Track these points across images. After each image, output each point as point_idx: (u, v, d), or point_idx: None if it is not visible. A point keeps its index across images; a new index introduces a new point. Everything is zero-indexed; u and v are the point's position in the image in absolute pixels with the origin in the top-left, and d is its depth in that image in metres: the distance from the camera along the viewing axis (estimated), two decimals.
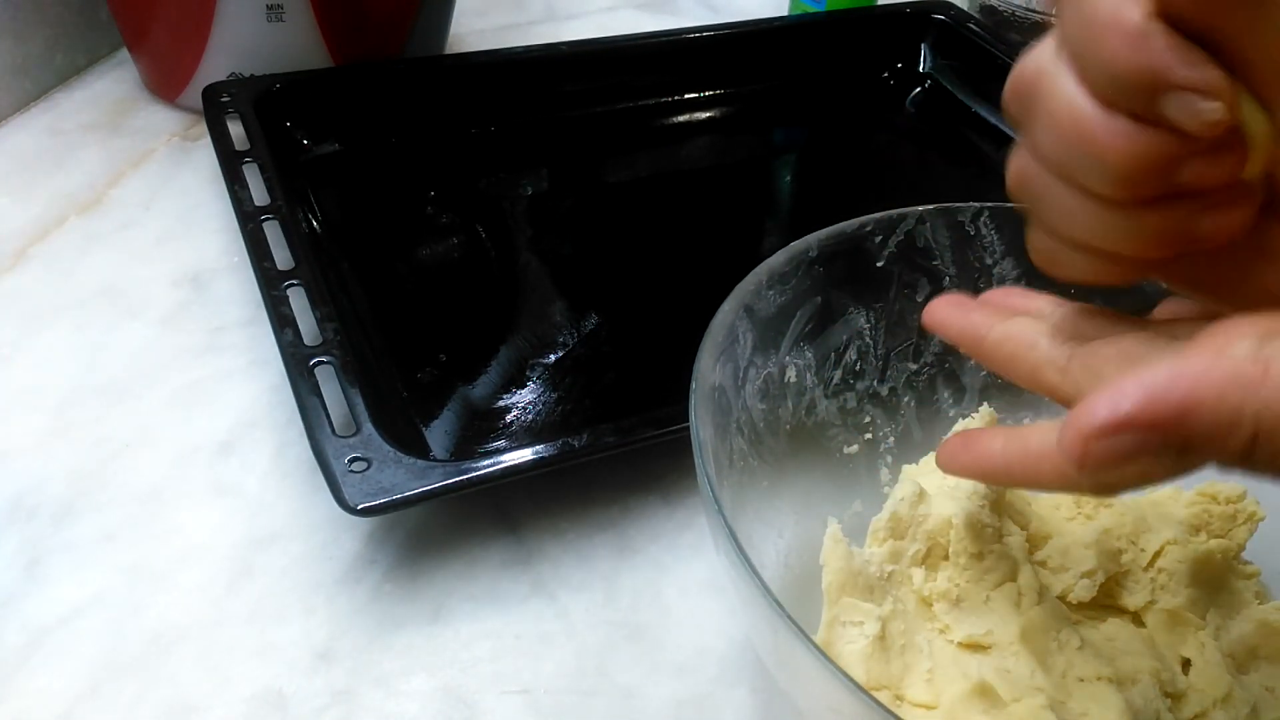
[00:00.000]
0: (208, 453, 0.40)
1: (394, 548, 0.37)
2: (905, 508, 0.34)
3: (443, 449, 0.40)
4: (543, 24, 0.73)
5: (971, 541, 0.33)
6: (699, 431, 0.29)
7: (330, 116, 0.56)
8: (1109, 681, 0.30)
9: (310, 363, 0.38)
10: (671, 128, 0.62)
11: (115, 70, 0.62)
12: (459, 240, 0.51)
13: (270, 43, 0.56)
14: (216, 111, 0.52)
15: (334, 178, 0.54)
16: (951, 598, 0.33)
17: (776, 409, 0.36)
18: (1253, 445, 0.16)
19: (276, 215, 0.45)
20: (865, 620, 0.30)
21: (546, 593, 0.36)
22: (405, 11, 0.60)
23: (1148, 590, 0.34)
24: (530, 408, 0.42)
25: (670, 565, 0.38)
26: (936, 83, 0.67)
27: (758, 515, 0.33)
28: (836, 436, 0.38)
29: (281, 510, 0.38)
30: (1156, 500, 0.37)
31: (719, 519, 0.26)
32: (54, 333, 0.44)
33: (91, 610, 0.34)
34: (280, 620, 0.34)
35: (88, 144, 0.56)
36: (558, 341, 0.45)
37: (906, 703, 0.30)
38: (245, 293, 0.47)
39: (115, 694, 0.32)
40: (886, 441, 0.39)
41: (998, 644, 0.32)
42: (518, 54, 0.61)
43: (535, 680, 0.34)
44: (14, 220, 0.50)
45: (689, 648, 0.35)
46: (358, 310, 0.45)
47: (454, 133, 0.58)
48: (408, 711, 0.32)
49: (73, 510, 0.37)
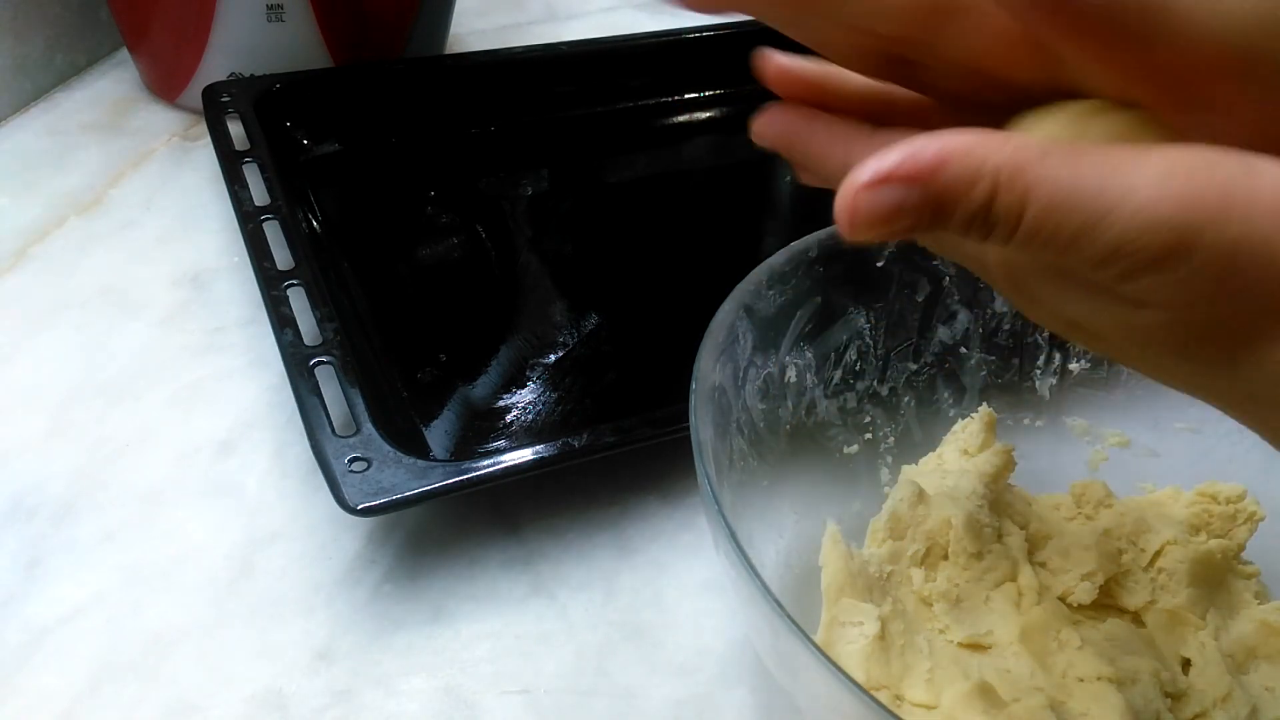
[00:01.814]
0: (208, 453, 0.40)
1: (394, 548, 0.37)
2: (904, 508, 0.34)
3: (443, 449, 0.40)
4: (543, 24, 0.73)
5: (971, 541, 0.33)
6: (699, 431, 0.29)
7: (330, 116, 0.56)
8: (1109, 681, 0.30)
9: (310, 363, 0.38)
10: (671, 128, 0.62)
11: (115, 70, 0.62)
12: (459, 240, 0.51)
13: (270, 43, 0.56)
14: (216, 111, 0.52)
15: (334, 178, 0.54)
16: (951, 598, 0.33)
17: (776, 409, 0.36)
18: (993, 193, 0.18)
19: (276, 215, 0.45)
20: (865, 620, 0.30)
21: (546, 593, 0.36)
22: (405, 11, 0.60)
23: (1148, 590, 0.34)
24: (530, 408, 0.42)
25: (670, 565, 0.38)
26: None
27: (758, 515, 0.33)
28: (836, 436, 0.38)
29: (281, 510, 0.38)
30: (1157, 500, 0.37)
31: (719, 519, 0.26)
32: (54, 333, 0.44)
33: (91, 610, 0.34)
34: (280, 620, 0.34)
35: (88, 144, 0.56)
36: (558, 341, 0.45)
37: (906, 703, 0.30)
38: (245, 293, 0.47)
39: (115, 694, 0.32)
40: (886, 441, 0.39)
41: (998, 644, 0.32)
42: (518, 54, 0.61)
43: (535, 680, 0.34)
44: (14, 220, 0.50)
45: (689, 648, 0.35)
46: (358, 310, 0.45)
47: (454, 133, 0.58)
48: (408, 711, 0.32)
49: (73, 510, 0.37)
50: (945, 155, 0.18)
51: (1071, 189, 0.18)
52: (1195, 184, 0.18)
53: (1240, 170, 0.18)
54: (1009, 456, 0.36)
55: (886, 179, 0.18)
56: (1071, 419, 0.40)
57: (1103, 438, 0.39)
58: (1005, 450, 0.36)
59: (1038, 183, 0.18)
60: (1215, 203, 0.18)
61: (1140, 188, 0.18)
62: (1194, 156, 0.18)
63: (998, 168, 0.18)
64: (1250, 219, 0.18)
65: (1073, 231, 0.18)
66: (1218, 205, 0.18)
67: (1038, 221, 0.19)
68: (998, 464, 0.35)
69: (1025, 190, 0.18)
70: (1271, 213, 0.18)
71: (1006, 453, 0.36)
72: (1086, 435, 0.40)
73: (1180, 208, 0.18)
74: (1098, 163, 0.18)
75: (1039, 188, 0.18)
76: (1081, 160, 0.18)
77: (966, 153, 0.18)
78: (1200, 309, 0.19)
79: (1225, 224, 0.18)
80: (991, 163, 0.18)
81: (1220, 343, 0.20)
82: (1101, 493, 0.36)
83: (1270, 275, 0.18)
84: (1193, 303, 0.19)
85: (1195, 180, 0.18)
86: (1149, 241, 0.18)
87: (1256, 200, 0.18)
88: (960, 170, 0.18)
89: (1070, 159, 0.18)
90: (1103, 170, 0.18)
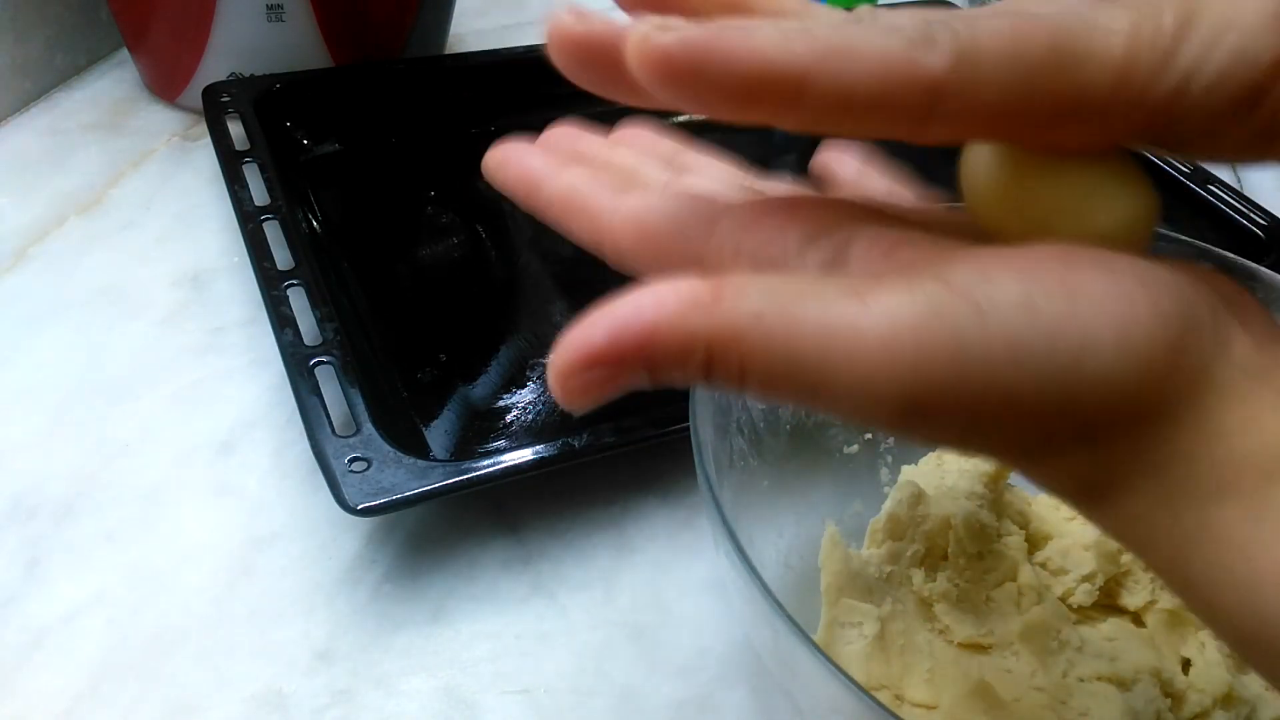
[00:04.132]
0: (208, 453, 0.40)
1: (394, 548, 0.37)
2: (904, 509, 0.34)
3: (443, 449, 0.40)
4: (543, 24, 0.73)
5: (970, 542, 0.33)
6: (699, 431, 0.29)
7: (330, 116, 0.56)
8: (1109, 681, 0.30)
9: (310, 363, 0.38)
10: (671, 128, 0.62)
11: (115, 70, 0.62)
12: (459, 240, 0.51)
13: (270, 43, 0.56)
14: (216, 111, 0.52)
15: (334, 178, 0.54)
16: (951, 598, 0.33)
17: (776, 409, 0.36)
18: (709, 364, 0.17)
19: (276, 215, 0.45)
20: (864, 621, 0.30)
21: (546, 593, 0.36)
22: (405, 11, 0.60)
23: (1148, 590, 0.34)
24: (530, 408, 0.42)
25: (670, 565, 0.38)
26: None
27: (758, 515, 0.33)
28: (836, 436, 0.38)
29: (281, 510, 0.38)
30: None
31: (719, 519, 0.26)
32: (54, 333, 0.44)
33: (91, 610, 0.34)
34: (280, 620, 0.34)
35: (88, 144, 0.56)
36: (558, 341, 0.45)
37: (906, 703, 0.30)
38: (245, 293, 0.47)
39: (115, 694, 0.32)
40: (886, 441, 0.39)
41: (998, 644, 0.32)
42: (518, 54, 0.61)
43: (535, 680, 0.34)
44: (14, 220, 0.50)
45: (689, 648, 0.35)
46: (358, 310, 0.45)
47: (454, 133, 0.58)
48: (408, 711, 0.32)
49: (73, 510, 0.37)
50: (653, 330, 0.17)
51: (787, 360, 0.17)
52: (921, 345, 0.17)
53: (970, 323, 0.17)
54: None
55: (594, 361, 0.18)
56: None
57: None
58: None
59: (752, 354, 0.17)
60: (944, 362, 0.17)
61: (862, 353, 0.17)
62: (919, 306, 0.17)
63: (710, 338, 0.17)
64: (983, 376, 0.17)
65: (802, 397, 0.18)
66: (947, 365, 0.17)
67: (761, 388, 0.18)
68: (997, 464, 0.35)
69: (740, 361, 0.17)
70: (1005, 368, 0.17)
71: None
72: None
73: (907, 372, 0.17)
74: (814, 324, 0.17)
75: (754, 359, 0.17)
76: (797, 325, 0.17)
77: (673, 326, 0.17)
78: (971, 442, 0.18)
79: (959, 384, 0.17)
80: (703, 334, 0.17)
81: (1016, 458, 0.19)
82: None
83: (1013, 423, 0.17)
84: (960, 438, 0.18)
85: (921, 341, 0.17)
86: (883, 406, 0.17)
87: (989, 351, 0.17)
88: (670, 345, 0.17)
89: (785, 323, 0.17)
90: (821, 334, 0.17)
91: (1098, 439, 0.18)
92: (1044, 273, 0.17)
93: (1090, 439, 0.18)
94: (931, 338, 0.17)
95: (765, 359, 0.17)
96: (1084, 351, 0.17)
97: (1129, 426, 0.18)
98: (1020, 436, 0.18)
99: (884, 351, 0.17)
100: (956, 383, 0.17)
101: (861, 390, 0.17)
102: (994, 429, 0.18)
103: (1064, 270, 0.18)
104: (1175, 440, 0.17)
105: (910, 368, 0.17)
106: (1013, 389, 0.17)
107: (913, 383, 0.17)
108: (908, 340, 0.17)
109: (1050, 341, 0.17)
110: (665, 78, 0.17)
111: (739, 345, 0.17)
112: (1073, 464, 0.18)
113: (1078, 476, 0.19)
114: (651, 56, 0.17)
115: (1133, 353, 0.17)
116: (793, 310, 0.17)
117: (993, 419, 0.17)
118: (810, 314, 0.17)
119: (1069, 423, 0.18)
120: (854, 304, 0.17)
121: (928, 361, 0.17)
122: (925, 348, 0.17)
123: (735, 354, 0.17)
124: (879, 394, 0.17)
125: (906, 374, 0.17)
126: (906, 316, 0.17)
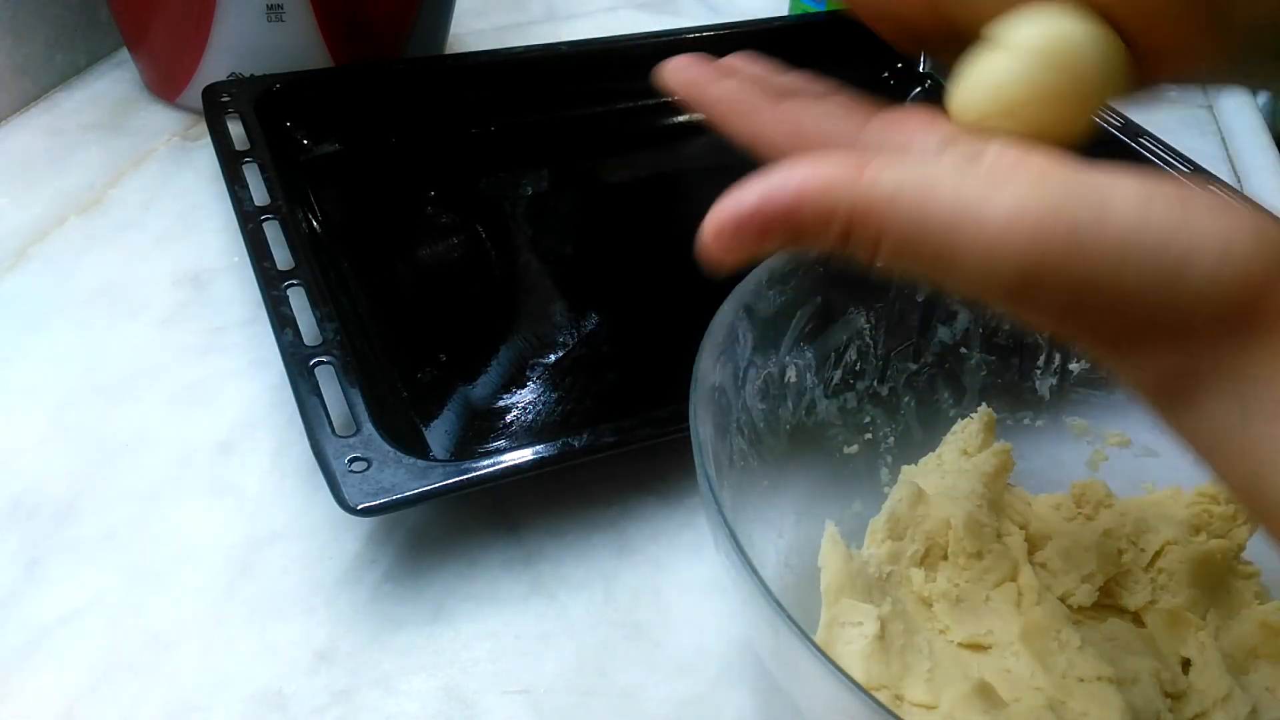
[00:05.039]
0: (208, 453, 0.40)
1: (394, 548, 0.37)
2: (903, 508, 0.34)
3: (443, 449, 0.40)
4: (543, 24, 0.73)
5: (970, 541, 0.33)
6: (699, 431, 0.29)
7: (330, 116, 0.56)
8: (1109, 681, 0.30)
9: (310, 363, 0.38)
10: (671, 128, 0.62)
11: (115, 70, 0.62)
12: (459, 240, 0.51)
13: (270, 43, 0.56)
14: (216, 111, 0.52)
15: (334, 178, 0.54)
16: (951, 598, 0.33)
17: (776, 409, 0.36)
18: (847, 233, 0.20)
19: (276, 215, 0.45)
20: (864, 621, 0.30)
21: (546, 592, 0.36)
22: (405, 11, 0.60)
23: (1148, 590, 0.34)
24: (530, 408, 0.42)
25: (670, 565, 0.38)
26: (936, 82, 0.67)
27: (758, 515, 0.33)
28: (836, 436, 0.38)
29: (281, 510, 0.38)
30: (1157, 500, 0.37)
31: (719, 519, 0.26)
32: (54, 333, 0.44)
33: (91, 610, 0.34)
34: (280, 620, 0.34)
35: (88, 144, 0.56)
36: (558, 341, 0.45)
37: (906, 703, 0.30)
38: (245, 293, 0.47)
39: (115, 694, 0.32)
40: (886, 441, 0.39)
41: (998, 644, 0.32)
42: (518, 54, 0.61)
43: (535, 680, 0.34)
44: (14, 220, 0.50)
45: (689, 648, 0.35)
46: (358, 310, 0.45)
47: (454, 133, 0.58)
48: (408, 711, 0.32)
49: (73, 510, 0.37)
50: (799, 198, 0.20)
51: (920, 230, 0.19)
52: (1043, 227, 0.19)
53: (1090, 215, 0.19)
54: (1008, 456, 0.36)
55: (744, 222, 0.20)
56: (1071, 419, 0.40)
57: (1103, 437, 0.39)
58: (1004, 450, 0.36)
59: (888, 224, 0.19)
60: (1061, 246, 0.19)
61: (988, 228, 0.19)
62: (1046, 195, 0.19)
63: (850, 208, 0.19)
64: (1093, 263, 0.19)
65: (926, 267, 0.20)
66: (1063, 249, 0.19)
67: (893, 257, 0.20)
68: (997, 464, 0.36)
69: (877, 230, 0.19)
70: (1115, 260, 0.19)
71: (1006, 452, 0.36)
72: (1086, 435, 0.40)
73: (1026, 248, 0.19)
74: (947, 202, 0.19)
75: (889, 229, 0.19)
76: (931, 201, 0.19)
77: (819, 194, 0.19)
78: (1069, 324, 0.20)
79: (1071, 266, 0.19)
80: (844, 204, 0.19)
81: (1108, 347, 0.21)
82: (1101, 493, 0.36)
83: (1113, 312, 0.19)
84: (1060, 319, 0.20)
85: (1043, 224, 0.19)
86: (998, 279, 0.19)
87: (1102, 242, 0.18)
88: (814, 211, 0.20)
89: (920, 199, 0.19)
90: (952, 210, 0.19)
91: (1187, 340, 0.19)
92: (1163, 186, 0.19)
93: (1180, 339, 0.19)
94: (1053, 222, 0.19)
95: (899, 230, 0.19)
96: (1190, 256, 0.18)
97: (1219, 334, 0.19)
98: (1116, 327, 0.20)
99: (1007, 230, 0.19)
100: (1068, 267, 0.19)
101: (983, 263, 0.19)
102: (1094, 316, 0.20)
103: (1180, 188, 0.19)
104: (1256, 356, 0.19)
105: (1029, 246, 0.19)
106: (1119, 282, 0.19)
107: (1029, 261, 0.19)
108: (1031, 221, 0.19)
109: (1161, 243, 0.19)
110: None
111: (875, 217, 0.19)
112: (1159, 360, 0.20)
113: (1160, 372, 0.20)
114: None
115: (1232, 266, 0.19)
116: (928, 188, 0.19)
117: (1094, 307, 0.19)
118: (944, 193, 0.19)
119: (1164, 321, 0.19)
120: (985, 188, 0.19)
121: (1045, 243, 0.19)
122: (1045, 230, 0.19)
123: (872, 224, 0.19)
124: (998, 268, 0.19)
125: (1025, 251, 0.19)
126: (1032, 202, 0.19)
